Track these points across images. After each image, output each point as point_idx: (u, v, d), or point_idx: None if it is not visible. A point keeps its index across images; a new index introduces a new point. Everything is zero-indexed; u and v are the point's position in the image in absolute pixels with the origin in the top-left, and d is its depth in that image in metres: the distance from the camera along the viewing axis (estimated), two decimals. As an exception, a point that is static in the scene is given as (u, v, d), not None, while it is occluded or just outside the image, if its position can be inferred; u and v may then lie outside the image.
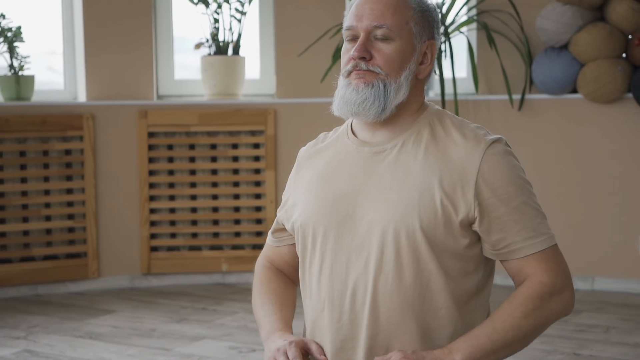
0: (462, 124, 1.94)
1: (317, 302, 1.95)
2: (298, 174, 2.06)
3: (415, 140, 1.91)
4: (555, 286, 1.84)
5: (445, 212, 1.83)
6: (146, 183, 4.93)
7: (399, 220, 1.84)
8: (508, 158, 1.89)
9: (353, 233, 1.89)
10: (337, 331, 1.91)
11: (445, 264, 1.86)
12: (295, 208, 2.01)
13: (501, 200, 1.84)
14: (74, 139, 4.85)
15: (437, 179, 1.85)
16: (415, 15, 1.93)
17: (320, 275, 1.94)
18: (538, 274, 1.84)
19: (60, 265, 4.85)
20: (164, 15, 5.17)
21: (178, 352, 3.78)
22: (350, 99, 1.92)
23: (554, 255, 1.87)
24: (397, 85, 1.90)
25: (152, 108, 4.94)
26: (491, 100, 4.89)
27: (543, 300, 1.82)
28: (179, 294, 4.78)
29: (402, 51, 1.90)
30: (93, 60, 4.95)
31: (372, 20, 1.90)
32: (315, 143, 2.09)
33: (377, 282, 1.86)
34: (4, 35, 4.90)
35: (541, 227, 1.87)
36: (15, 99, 4.84)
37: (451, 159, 1.87)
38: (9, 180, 4.74)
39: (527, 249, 1.84)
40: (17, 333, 4.09)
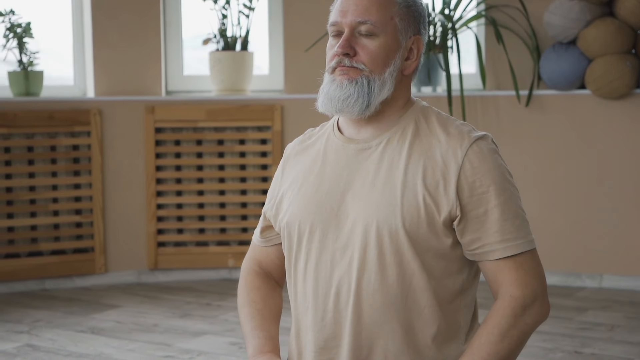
0: (447, 121, 1.92)
1: (302, 301, 1.94)
2: (284, 170, 2.05)
3: (400, 137, 1.89)
4: (526, 298, 1.81)
5: (428, 211, 1.82)
6: (153, 179, 4.94)
7: (381, 218, 1.83)
8: (493, 156, 1.86)
9: (338, 231, 1.88)
10: (321, 330, 1.90)
11: (429, 263, 1.84)
12: (281, 205, 2.00)
13: (480, 199, 1.82)
14: (82, 135, 4.87)
15: (421, 177, 1.83)
16: (401, 10, 1.91)
17: (306, 273, 1.93)
18: (508, 285, 1.82)
19: (68, 260, 4.88)
20: (173, 11, 5.18)
21: (178, 348, 3.79)
22: (334, 96, 1.90)
23: (529, 261, 1.84)
24: (381, 82, 1.88)
25: (159, 104, 4.95)
26: (499, 96, 4.85)
27: (516, 317, 1.80)
28: (185, 290, 4.78)
29: (386, 47, 1.89)
30: (101, 56, 4.97)
31: (356, 16, 1.88)
32: (302, 139, 2.08)
33: (361, 280, 1.85)
34: (13, 31, 4.93)
35: (519, 230, 1.84)
36: (24, 94, 4.87)
37: (434, 156, 1.85)
38: (17, 175, 4.77)
39: (501, 252, 1.82)
40: (20, 327, 4.11)
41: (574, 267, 4.80)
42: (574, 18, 4.61)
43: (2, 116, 4.71)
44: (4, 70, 4.97)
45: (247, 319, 2.02)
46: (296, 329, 1.97)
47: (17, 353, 3.74)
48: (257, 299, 2.05)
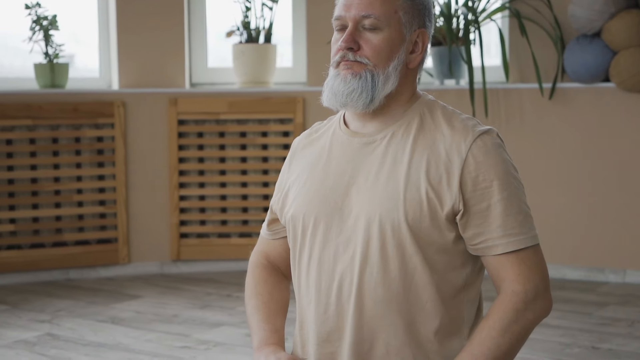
0: (452, 115, 1.91)
1: (306, 294, 1.95)
2: (291, 164, 2.06)
3: (405, 131, 1.88)
4: (528, 293, 1.80)
5: (430, 205, 1.81)
6: (176, 170, 4.97)
7: (384, 212, 1.82)
8: (497, 151, 1.85)
9: (341, 225, 1.88)
10: (323, 323, 1.90)
11: (431, 257, 1.84)
12: (287, 199, 2.01)
13: (483, 194, 1.81)
14: (106, 126, 4.91)
15: (424, 171, 1.83)
16: (405, 4, 1.90)
17: (309, 266, 1.93)
18: (510, 281, 1.81)
19: (92, 250, 4.93)
20: (197, 3, 5.20)
21: (196, 339, 3.82)
22: (338, 90, 1.90)
23: (531, 257, 1.83)
24: (385, 76, 1.88)
25: (182, 96, 4.98)
26: (522, 89, 4.82)
27: (517, 312, 1.79)
28: (206, 281, 4.81)
29: (390, 41, 1.88)
30: (126, 48, 5.00)
31: (360, 10, 1.87)
32: (309, 133, 2.08)
33: (363, 274, 1.85)
34: (39, 23, 4.98)
35: (522, 226, 1.82)
36: (50, 86, 4.92)
37: (438, 150, 1.84)
38: (42, 167, 4.83)
39: (504, 247, 1.81)
40: (42, 317, 4.17)
41: (598, 262, 4.76)
42: (598, 10, 4.56)
43: (27, 108, 4.76)
44: (30, 63, 5.02)
45: (254, 312, 2.03)
46: (300, 321, 1.98)
47: (37, 342, 3.79)
48: (263, 291, 2.06)
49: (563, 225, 4.80)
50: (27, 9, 4.98)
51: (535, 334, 3.84)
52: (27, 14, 4.98)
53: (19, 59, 5.30)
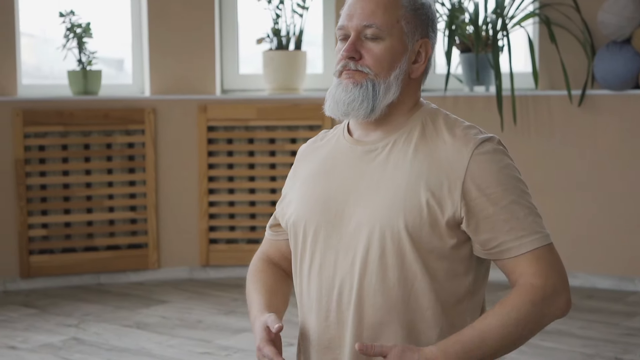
0: (454, 123, 1.91)
1: (307, 300, 1.96)
2: (296, 171, 2.07)
3: (406, 139, 1.89)
4: (547, 289, 1.79)
5: (431, 213, 1.81)
6: (205, 176, 5.02)
7: (384, 220, 1.83)
8: (498, 157, 1.85)
9: (341, 232, 1.89)
10: (325, 330, 1.92)
11: (432, 265, 1.84)
12: (290, 205, 2.02)
13: (490, 199, 1.81)
14: (137, 133, 4.97)
15: (424, 179, 1.83)
16: (407, 14, 1.90)
17: (310, 273, 1.95)
18: (529, 276, 1.80)
19: (122, 255, 4.99)
20: (229, 10, 5.24)
21: (217, 345, 3.85)
22: (339, 99, 1.92)
23: (547, 255, 1.82)
24: (386, 85, 1.89)
25: (211, 102, 5.02)
26: (551, 96, 4.78)
27: (535, 305, 1.77)
28: (234, 286, 4.84)
29: (392, 50, 1.89)
30: (157, 55, 5.06)
31: (362, 19, 1.89)
32: (314, 140, 2.10)
33: (362, 281, 1.86)
34: (73, 31, 5.05)
35: (533, 226, 1.82)
36: (82, 93, 4.99)
37: (439, 158, 1.85)
38: (74, 172, 4.90)
39: (518, 249, 1.80)
40: (70, 321, 4.23)
41: (628, 271, 4.70)
42: (628, 17, 4.51)
43: (59, 114, 4.84)
44: (64, 70, 5.10)
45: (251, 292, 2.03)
46: (302, 328, 1.99)
47: (62, 346, 3.85)
48: (265, 278, 2.06)
49: (592, 233, 4.75)
50: (62, 16, 5.06)
51: (558, 344, 3.82)
52: (61, 22, 5.06)
53: (53, 65, 5.39)
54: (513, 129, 4.75)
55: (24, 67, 5.13)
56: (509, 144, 4.82)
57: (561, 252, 4.87)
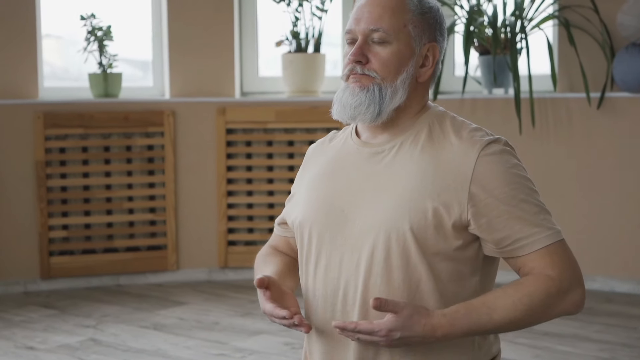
0: (461, 126, 1.91)
1: (313, 300, 1.97)
2: (304, 171, 2.09)
3: (413, 141, 1.90)
4: (563, 282, 1.79)
5: (436, 215, 1.82)
6: (224, 178, 5.04)
7: (390, 222, 1.84)
8: (505, 157, 1.85)
9: (347, 233, 1.90)
10: (330, 331, 1.93)
11: (437, 267, 1.84)
12: (297, 206, 2.03)
13: (499, 199, 1.81)
14: (156, 135, 5.00)
15: (430, 181, 1.84)
16: (414, 17, 1.91)
17: (316, 274, 1.95)
18: (544, 267, 1.80)
19: (141, 257, 5.02)
20: (249, 13, 5.26)
21: (233, 346, 3.86)
22: (346, 103, 1.93)
23: (560, 251, 1.82)
24: (393, 89, 1.89)
25: (230, 105, 5.05)
26: (570, 98, 4.76)
27: (549, 296, 1.78)
28: (252, 288, 4.85)
29: (399, 54, 1.89)
30: (177, 58, 5.09)
31: (369, 23, 1.90)
32: (323, 141, 2.11)
33: (367, 282, 1.87)
34: (94, 34, 5.10)
35: (545, 223, 1.82)
36: (103, 95, 5.03)
37: (446, 160, 1.85)
38: (94, 174, 4.94)
39: (532, 245, 1.80)
40: (88, 322, 4.26)
41: (648, 274, 4.67)
42: (648, 19, 4.48)
43: (80, 117, 4.88)
44: (85, 72, 5.14)
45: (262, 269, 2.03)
46: None
47: (79, 347, 3.88)
48: (274, 260, 2.06)
49: (612, 236, 4.73)
50: (83, 20, 5.10)
51: (574, 348, 3.80)
52: (82, 25, 5.11)
53: (74, 68, 5.43)
54: (531, 131, 4.74)
55: (52, 70, 5.18)
56: (527, 147, 4.85)
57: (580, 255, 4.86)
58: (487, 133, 1.90)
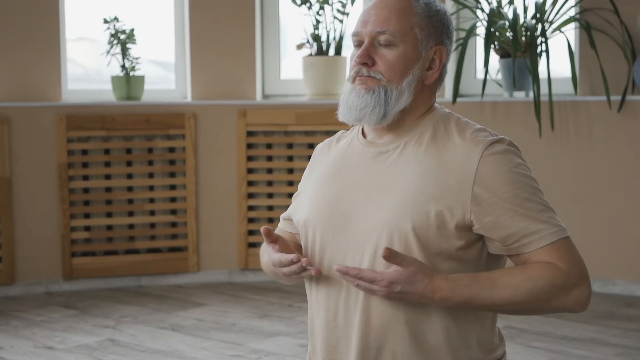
0: (465, 126, 1.92)
1: (316, 299, 1.99)
2: (311, 169, 2.10)
3: (417, 141, 1.91)
4: (571, 276, 1.79)
5: (438, 215, 1.83)
6: (245, 180, 5.07)
7: (392, 222, 1.85)
8: (508, 156, 1.86)
9: (350, 233, 1.91)
10: (332, 330, 1.94)
11: (439, 266, 1.85)
12: (302, 204, 2.05)
13: (503, 198, 1.81)
14: (177, 137, 5.04)
15: (433, 182, 1.85)
16: (421, 20, 1.92)
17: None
18: (552, 259, 1.80)
19: (163, 258, 5.06)
20: (270, 16, 5.29)
21: (249, 348, 3.88)
22: (352, 105, 1.95)
23: (567, 247, 1.82)
24: (398, 91, 1.91)
25: (251, 107, 5.07)
26: (590, 102, 4.74)
27: (554, 286, 1.78)
28: (271, 290, 4.88)
29: (405, 57, 1.91)
30: (199, 60, 5.13)
31: (375, 26, 1.92)
32: (330, 141, 2.13)
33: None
34: (117, 37, 5.14)
35: (550, 220, 1.82)
36: (126, 98, 5.08)
37: (449, 161, 1.86)
38: (116, 176, 4.99)
39: (538, 242, 1.80)
40: (108, 322, 4.30)
41: (669, 279, 4.64)
42: (669, 21, 4.45)
43: (102, 119, 4.93)
44: (108, 75, 5.19)
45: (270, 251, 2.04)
46: (311, 326, 2.02)
47: (97, 347, 3.92)
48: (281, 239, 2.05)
49: (632, 240, 4.69)
50: (106, 23, 5.15)
51: (591, 352, 3.78)
52: (105, 28, 5.16)
53: (98, 71, 5.48)
54: (551, 135, 4.72)
55: (77, 72, 5.23)
56: (547, 150, 4.83)
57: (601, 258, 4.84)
58: (491, 133, 1.90)
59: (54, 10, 4.97)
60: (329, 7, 5.18)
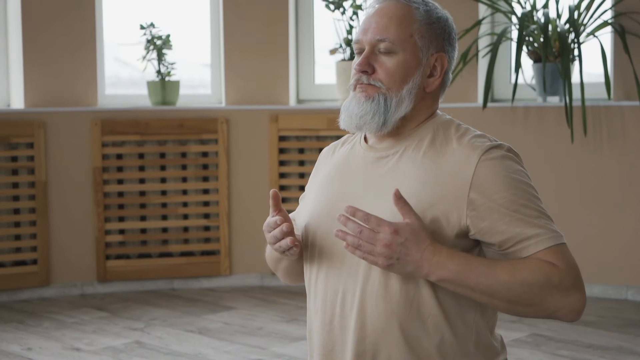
0: (464, 133, 1.92)
1: (314, 302, 2.00)
2: (316, 172, 2.13)
3: (416, 147, 1.92)
4: (567, 277, 1.78)
5: (434, 221, 1.83)
6: (276, 185, 5.09)
7: None
8: (505, 162, 1.85)
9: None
10: (328, 334, 1.95)
11: None
12: (306, 207, 2.07)
13: (499, 204, 1.81)
14: (210, 142, 5.08)
15: (430, 187, 1.85)
16: (421, 28, 1.93)
17: (317, 277, 1.99)
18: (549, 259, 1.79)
19: (195, 261, 5.11)
20: (305, 22, 5.31)
21: (272, 352, 3.90)
22: (352, 112, 1.97)
23: (563, 253, 1.81)
24: (398, 99, 1.92)
25: (283, 112, 5.10)
26: (625, 107, 4.67)
27: (548, 282, 1.76)
28: (302, 294, 4.86)
29: (404, 64, 1.92)
30: (232, 65, 5.17)
31: (375, 34, 1.93)
32: (336, 144, 2.16)
33: (365, 287, 1.89)
34: (153, 43, 5.21)
35: (546, 226, 1.81)
36: (161, 103, 5.14)
37: (446, 166, 1.86)
38: (150, 180, 5.05)
39: (535, 246, 1.79)
40: (137, 324, 4.36)
41: None
42: None
43: (136, 124, 4.99)
44: (144, 80, 5.26)
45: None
46: (309, 330, 2.03)
47: (124, 349, 3.98)
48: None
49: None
50: (142, 29, 5.22)
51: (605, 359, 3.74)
52: (142, 34, 5.22)
53: (134, 76, 5.55)
54: (584, 140, 4.66)
55: (118, 76, 5.31)
56: (579, 156, 4.78)
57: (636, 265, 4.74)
58: (490, 139, 1.90)
59: (91, 15, 5.04)
60: (362, 12, 5.18)
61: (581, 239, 4.65)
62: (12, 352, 3.93)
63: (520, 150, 2.02)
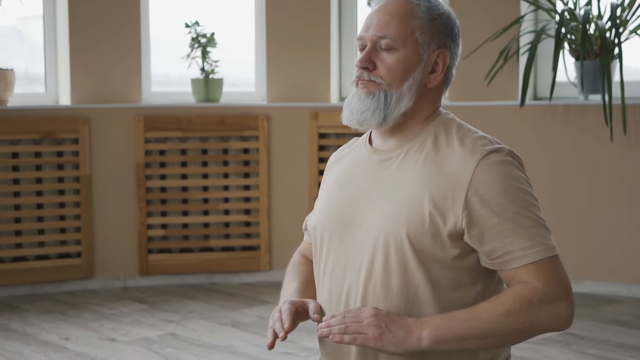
0: (466, 133, 1.93)
1: (321, 302, 2.03)
2: (326, 176, 2.16)
3: (419, 149, 1.94)
4: (547, 294, 1.79)
5: (432, 223, 1.85)
6: (316, 182, 5.13)
7: (388, 229, 1.88)
8: (505, 168, 1.86)
9: (352, 239, 1.96)
10: None
11: (434, 274, 1.87)
12: (315, 211, 2.11)
13: (494, 210, 1.82)
14: (251, 139, 5.14)
15: (430, 189, 1.87)
16: (423, 24, 1.94)
17: (324, 278, 2.02)
18: (532, 280, 1.81)
19: (236, 257, 5.17)
20: (348, 18, 5.34)
21: (301, 346, 3.94)
22: (354, 108, 2.00)
23: (551, 266, 1.82)
24: (399, 95, 1.94)
25: (323, 110, 5.13)
26: (666, 105, 4.60)
27: (531, 304, 1.78)
28: (338, 291, 4.91)
29: (405, 61, 1.93)
30: (275, 64, 5.23)
31: (377, 30, 1.95)
32: (343, 148, 2.19)
33: (367, 287, 1.91)
34: (197, 41, 5.29)
35: (538, 238, 1.82)
36: (204, 100, 5.22)
37: (446, 168, 1.88)
38: (192, 176, 5.12)
39: (522, 259, 1.81)
40: (173, 317, 4.43)
41: None
42: None
43: (179, 121, 5.08)
44: (189, 78, 5.34)
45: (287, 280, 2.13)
46: None
47: (157, 340, 4.05)
48: (302, 270, 2.15)
49: None
50: (187, 27, 5.30)
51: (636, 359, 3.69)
52: (187, 32, 5.30)
53: (179, 73, 5.64)
54: (623, 139, 4.61)
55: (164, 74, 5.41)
56: (618, 155, 4.73)
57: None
58: (491, 142, 1.90)
59: (137, 12, 5.14)
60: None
61: (621, 238, 4.59)
62: (49, 342, 4.03)
63: (556, 148, 2.02)
